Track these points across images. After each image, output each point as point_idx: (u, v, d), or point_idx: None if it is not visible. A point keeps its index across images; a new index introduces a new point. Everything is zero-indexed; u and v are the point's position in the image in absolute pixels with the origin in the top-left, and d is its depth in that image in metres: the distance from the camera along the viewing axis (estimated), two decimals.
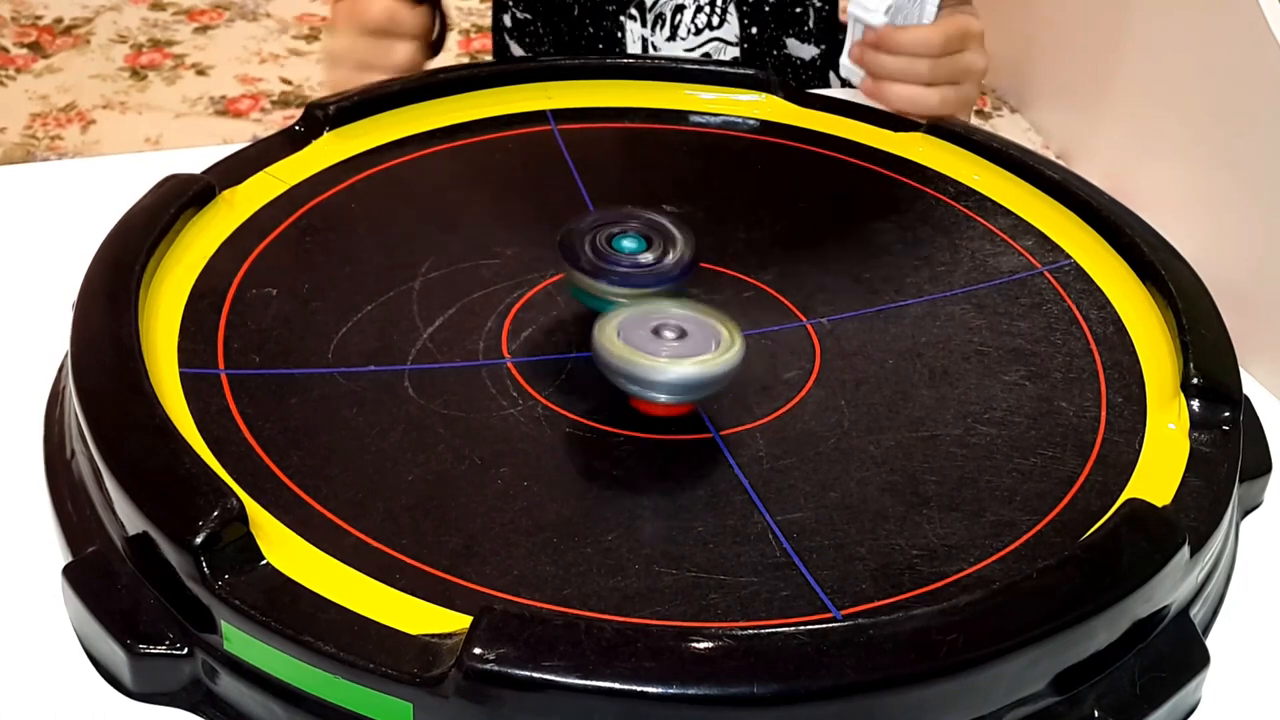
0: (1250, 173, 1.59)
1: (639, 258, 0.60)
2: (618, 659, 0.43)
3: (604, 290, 0.59)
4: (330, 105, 0.74)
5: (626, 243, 0.61)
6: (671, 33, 1.00)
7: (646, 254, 0.60)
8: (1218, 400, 0.58)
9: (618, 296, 0.59)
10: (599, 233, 0.61)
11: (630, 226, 0.61)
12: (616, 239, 0.61)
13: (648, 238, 0.61)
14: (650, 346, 0.55)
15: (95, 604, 0.49)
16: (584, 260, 0.59)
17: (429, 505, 0.52)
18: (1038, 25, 2.12)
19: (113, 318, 0.57)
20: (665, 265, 0.60)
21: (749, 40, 1.02)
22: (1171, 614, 0.51)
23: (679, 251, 0.61)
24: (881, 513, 0.53)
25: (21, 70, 2.23)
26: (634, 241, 0.61)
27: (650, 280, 0.59)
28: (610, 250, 0.60)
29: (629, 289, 0.59)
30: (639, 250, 0.60)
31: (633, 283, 0.59)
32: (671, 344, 0.55)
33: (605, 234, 0.61)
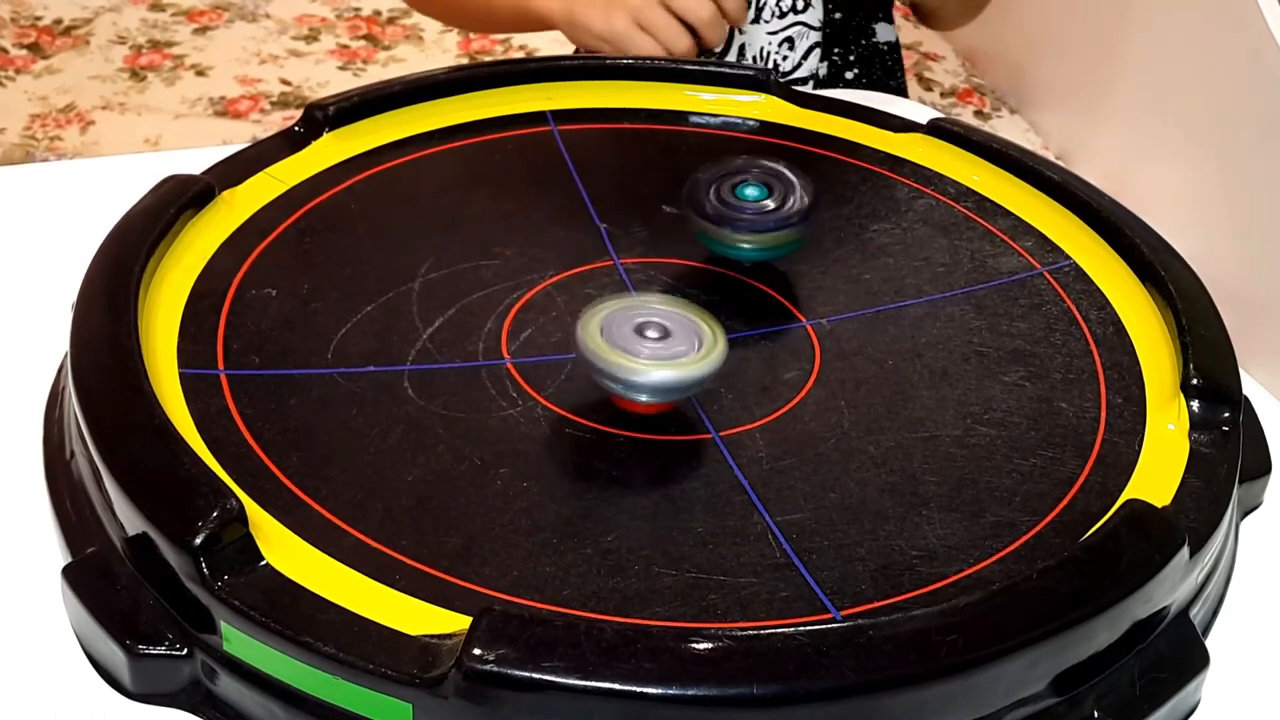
0: (1250, 174, 1.59)
1: (762, 204, 0.65)
2: (617, 660, 0.43)
3: (730, 237, 0.64)
4: (330, 106, 0.74)
5: (749, 191, 0.65)
6: (756, 15, 1.01)
7: (768, 201, 0.65)
8: (1218, 401, 0.58)
9: (742, 242, 0.64)
10: (723, 183, 0.65)
11: (752, 175, 0.66)
12: (739, 188, 0.65)
13: (768, 185, 0.65)
14: (632, 346, 0.54)
15: (95, 605, 0.49)
16: (709, 209, 0.64)
17: (429, 506, 0.52)
18: (1038, 26, 2.12)
19: (112, 318, 0.57)
20: (787, 211, 0.64)
21: (831, 25, 1.03)
22: (1171, 615, 0.51)
23: (798, 197, 0.65)
24: (881, 513, 0.53)
25: (21, 71, 2.23)
26: (756, 189, 0.65)
27: (772, 224, 0.64)
28: (734, 199, 0.65)
29: (754, 234, 0.64)
30: (761, 198, 0.65)
31: (757, 228, 0.64)
32: (653, 344, 0.55)
33: (729, 184, 0.65)
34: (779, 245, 0.65)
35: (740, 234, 0.64)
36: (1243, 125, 1.60)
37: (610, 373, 0.54)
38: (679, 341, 0.55)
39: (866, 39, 1.07)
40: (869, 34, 1.07)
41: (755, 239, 0.64)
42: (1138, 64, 1.89)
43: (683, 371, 0.54)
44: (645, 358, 0.54)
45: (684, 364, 0.54)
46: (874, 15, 1.07)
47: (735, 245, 0.65)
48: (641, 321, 0.56)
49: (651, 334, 0.55)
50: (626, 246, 0.68)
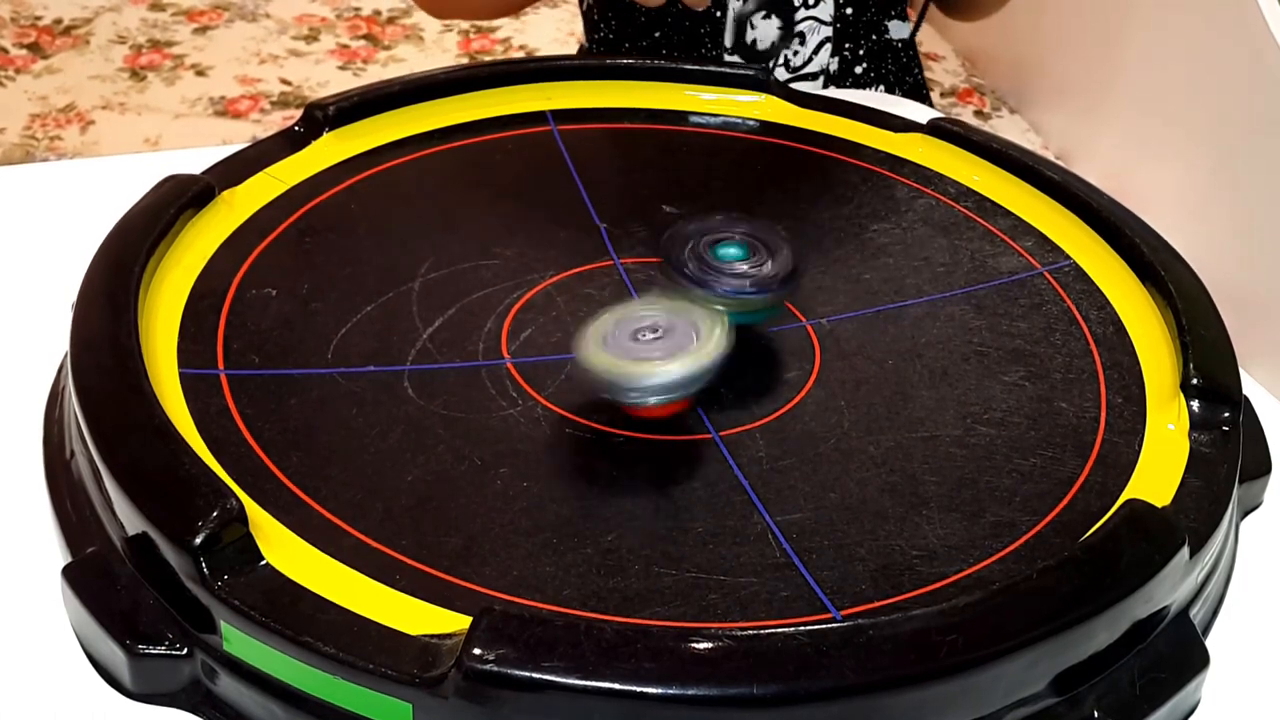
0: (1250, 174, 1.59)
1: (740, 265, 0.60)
2: (617, 660, 0.43)
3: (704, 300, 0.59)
4: (330, 106, 0.74)
5: (729, 250, 0.60)
6: (769, 11, 1.01)
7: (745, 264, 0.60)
8: (1218, 401, 0.58)
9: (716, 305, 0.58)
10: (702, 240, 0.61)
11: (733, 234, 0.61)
12: (718, 246, 0.60)
13: (750, 246, 0.61)
14: (633, 352, 0.54)
15: (95, 605, 0.49)
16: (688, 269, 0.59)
17: (429, 506, 0.52)
18: (1038, 26, 2.13)
19: (112, 318, 0.57)
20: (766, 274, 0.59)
21: (842, 20, 1.03)
22: (1171, 615, 0.51)
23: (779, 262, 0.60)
24: (881, 513, 0.53)
25: (21, 71, 2.23)
26: (736, 249, 0.60)
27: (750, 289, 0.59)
28: (713, 259, 0.60)
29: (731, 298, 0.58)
30: (741, 258, 0.60)
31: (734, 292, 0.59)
32: (651, 345, 0.54)
33: (709, 240, 0.61)
34: (756, 310, 0.60)
35: (716, 298, 0.59)
36: (1243, 125, 1.60)
37: (617, 384, 0.54)
38: (678, 336, 0.55)
39: (878, 35, 1.07)
40: (881, 30, 1.07)
41: (732, 303, 0.59)
42: (1138, 64, 1.89)
43: (686, 366, 0.54)
44: (651, 359, 0.54)
45: (686, 358, 0.54)
46: (886, 11, 1.07)
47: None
48: (637, 327, 0.55)
49: (648, 336, 0.55)
50: (626, 246, 0.68)
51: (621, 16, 1.04)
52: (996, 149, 0.76)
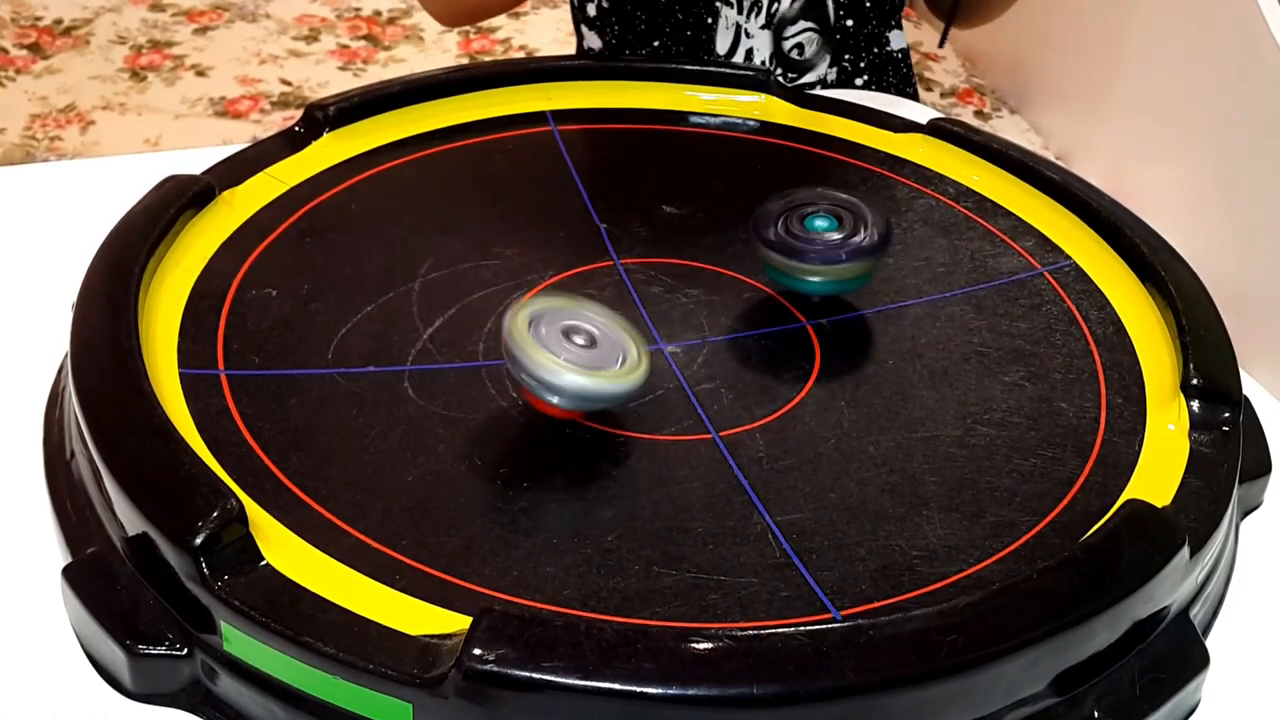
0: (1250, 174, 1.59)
1: (829, 236, 0.62)
2: (617, 660, 0.43)
3: (799, 269, 0.62)
4: (330, 106, 0.74)
5: (818, 222, 0.62)
6: (767, 20, 1.01)
7: (836, 233, 0.62)
8: (1218, 401, 0.58)
9: (810, 275, 0.62)
10: (792, 215, 0.63)
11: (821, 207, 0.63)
12: (809, 219, 0.63)
13: (838, 216, 0.63)
14: (552, 346, 0.53)
15: (95, 605, 0.49)
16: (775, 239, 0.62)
17: (429, 506, 0.52)
18: (1038, 26, 2.12)
19: (112, 318, 0.57)
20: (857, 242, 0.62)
21: (841, 31, 1.03)
22: (1171, 615, 0.51)
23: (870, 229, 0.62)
24: (881, 513, 0.53)
25: (21, 71, 2.23)
26: (825, 220, 0.62)
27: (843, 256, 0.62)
28: (803, 230, 0.62)
29: (824, 265, 0.61)
30: (830, 229, 0.62)
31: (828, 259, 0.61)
32: (573, 350, 0.54)
33: (798, 215, 0.63)
34: (849, 278, 0.63)
35: (810, 265, 0.62)
36: (1243, 125, 1.60)
37: (524, 366, 0.53)
38: (602, 354, 0.54)
39: (880, 47, 1.07)
40: (883, 42, 1.07)
41: (825, 271, 0.62)
42: (1138, 64, 1.89)
43: (596, 383, 0.53)
44: (558, 360, 0.53)
45: (600, 376, 0.53)
46: (886, 23, 1.07)
47: (803, 278, 0.62)
48: (573, 326, 0.55)
49: (578, 340, 0.54)
50: (626, 246, 0.68)
51: (624, 23, 1.04)
52: (996, 149, 0.76)
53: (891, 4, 1.06)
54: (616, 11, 1.03)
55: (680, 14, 1.01)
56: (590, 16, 1.06)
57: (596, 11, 1.05)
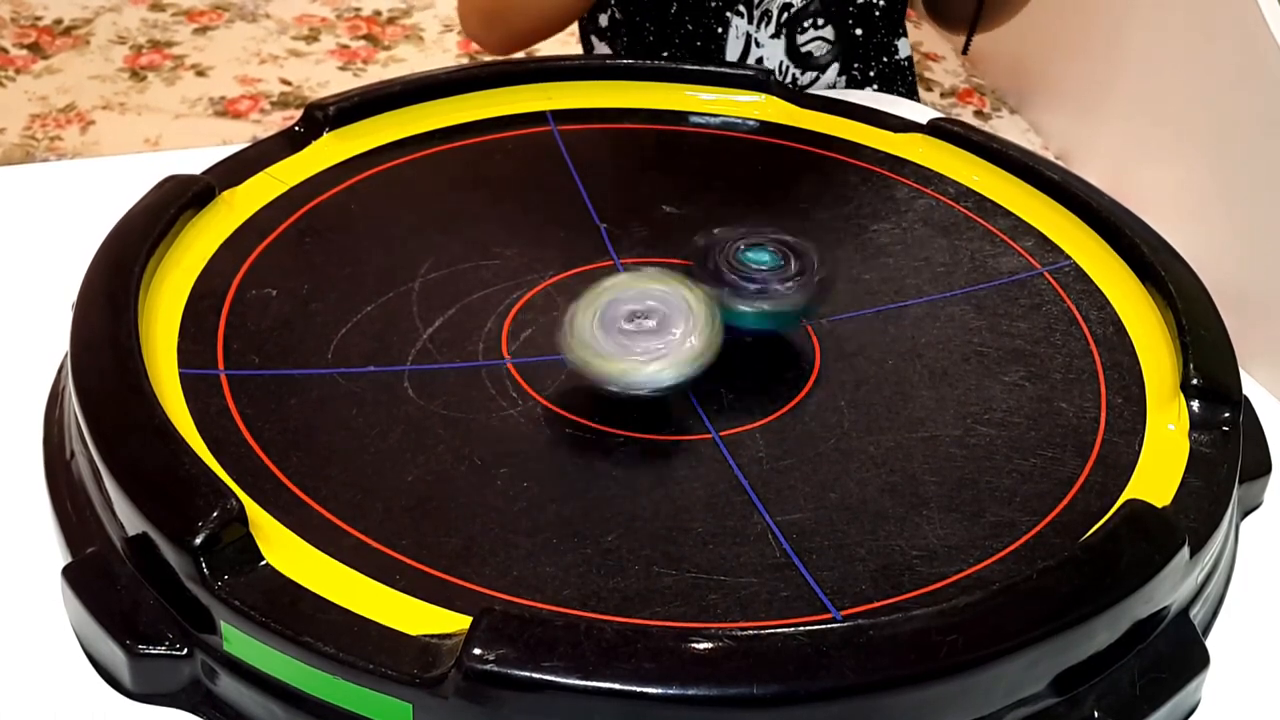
0: (1250, 174, 1.59)
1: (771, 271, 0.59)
2: (617, 660, 0.43)
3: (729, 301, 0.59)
4: (330, 106, 0.74)
5: (761, 256, 0.60)
6: (776, 29, 1.00)
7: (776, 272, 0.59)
8: (1217, 401, 0.58)
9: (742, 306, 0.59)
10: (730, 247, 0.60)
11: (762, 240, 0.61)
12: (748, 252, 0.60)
13: (781, 254, 0.60)
14: (624, 345, 0.54)
15: (95, 605, 0.49)
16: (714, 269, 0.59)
17: (429, 506, 0.52)
18: (1038, 26, 2.12)
19: (112, 318, 0.57)
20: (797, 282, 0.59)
21: (849, 40, 1.02)
22: (1171, 615, 0.51)
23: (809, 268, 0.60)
24: (881, 513, 0.53)
25: (21, 71, 2.23)
26: (767, 256, 0.60)
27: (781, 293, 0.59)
28: (741, 264, 0.60)
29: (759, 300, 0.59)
30: (774, 265, 0.60)
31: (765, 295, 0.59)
32: (643, 337, 0.54)
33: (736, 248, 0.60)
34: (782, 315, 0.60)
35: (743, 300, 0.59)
36: (1243, 126, 1.60)
37: (606, 380, 0.54)
38: (670, 326, 0.55)
39: (889, 56, 1.06)
40: (891, 51, 1.06)
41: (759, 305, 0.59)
42: (1138, 64, 1.89)
43: (679, 368, 0.54)
44: (638, 354, 0.54)
45: (677, 358, 0.54)
46: (894, 31, 1.06)
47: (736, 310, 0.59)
48: (632, 309, 0.55)
49: (643, 324, 0.55)
50: (626, 246, 0.68)
51: (634, 34, 1.03)
52: (996, 149, 0.76)
53: (899, 12, 1.06)
54: (627, 22, 1.03)
55: (690, 24, 1.00)
56: (601, 27, 1.05)
57: (608, 22, 1.04)
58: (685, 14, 1.00)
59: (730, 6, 0.99)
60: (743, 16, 1.00)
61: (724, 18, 1.00)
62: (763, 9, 0.99)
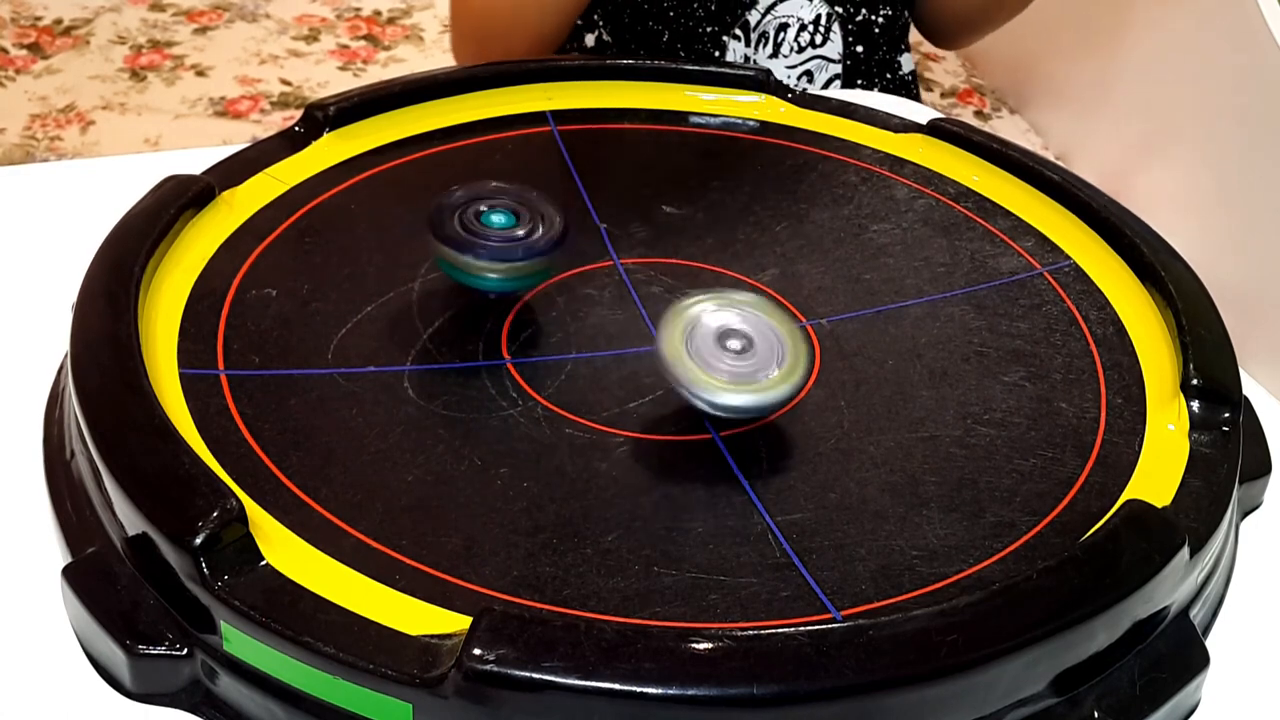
0: (1250, 174, 1.59)
1: (511, 232, 0.60)
2: (617, 660, 0.43)
3: (472, 265, 0.59)
4: (330, 106, 0.74)
5: (495, 218, 0.60)
6: (774, 50, 1.00)
7: (518, 229, 0.60)
8: (1217, 401, 0.58)
9: (486, 271, 0.59)
10: (467, 208, 0.60)
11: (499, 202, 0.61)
12: (485, 215, 0.60)
13: (516, 213, 0.61)
14: (713, 362, 0.54)
15: (95, 605, 0.49)
16: (452, 233, 0.59)
17: (429, 506, 0.52)
18: (1037, 26, 2.12)
19: (112, 318, 0.57)
20: (535, 239, 0.60)
21: (852, 57, 1.02)
22: (1171, 615, 0.51)
23: (549, 225, 0.60)
24: (881, 513, 0.53)
25: (21, 71, 2.23)
26: (503, 216, 0.60)
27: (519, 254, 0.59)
28: (480, 225, 0.60)
29: (500, 263, 0.59)
30: (509, 225, 0.60)
31: (504, 256, 0.59)
32: (733, 360, 0.55)
33: (474, 210, 0.60)
34: (525, 275, 0.61)
35: (484, 262, 0.59)
36: (1243, 126, 1.60)
37: (690, 390, 0.54)
38: (760, 356, 0.55)
39: (893, 72, 1.06)
40: (895, 67, 1.06)
41: (501, 268, 0.60)
42: (1138, 64, 1.89)
43: (756, 397, 0.54)
44: (724, 375, 0.54)
45: (757, 388, 0.54)
46: (897, 47, 1.06)
47: (480, 275, 0.60)
48: (726, 329, 0.55)
49: (734, 345, 0.55)
50: (626, 247, 0.68)
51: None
52: (996, 149, 0.76)
53: (900, 28, 1.06)
54: (617, 44, 1.03)
55: (684, 50, 1.00)
56: (589, 48, 1.05)
57: (595, 43, 1.04)
58: (678, 41, 1.00)
59: (726, 30, 0.98)
60: (739, 39, 0.99)
61: (720, 41, 0.99)
62: (760, 31, 0.99)
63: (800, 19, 0.99)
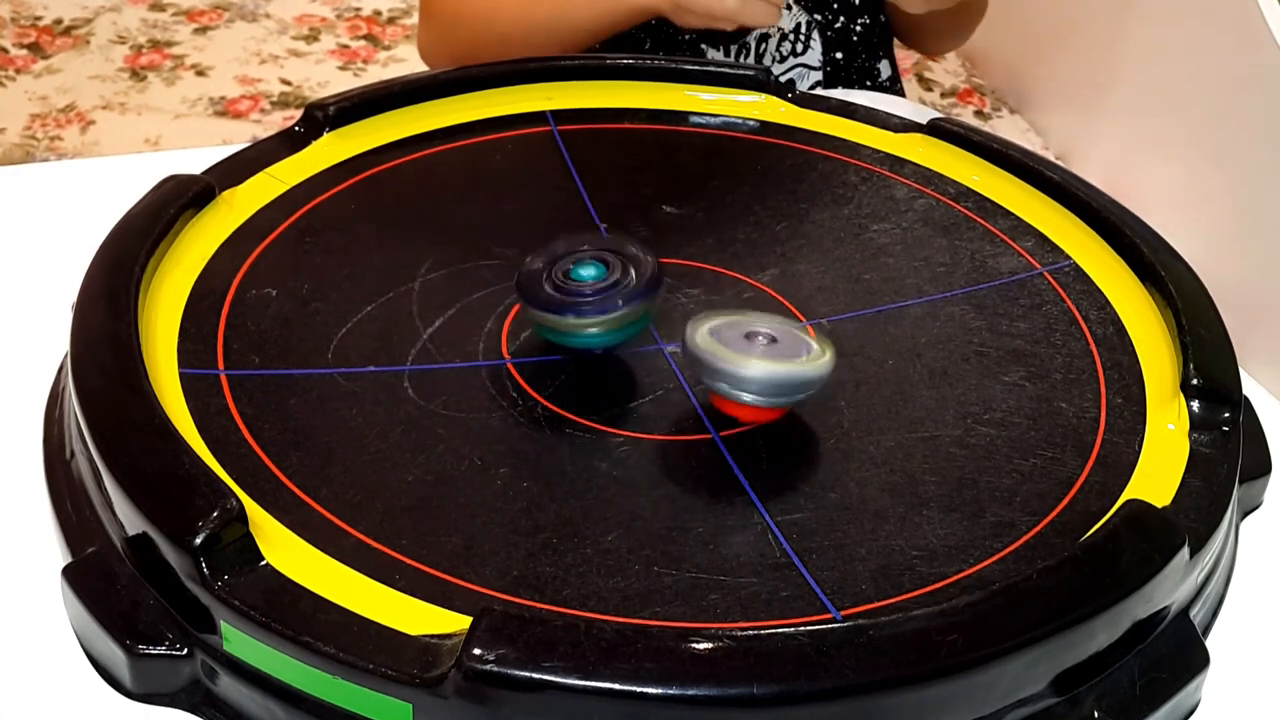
0: (1249, 173, 1.59)
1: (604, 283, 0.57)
2: (617, 660, 0.43)
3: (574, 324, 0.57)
4: (330, 106, 0.74)
5: (586, 271, 0.58)
6: (757, 60, 1.00)
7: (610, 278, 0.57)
8: (1217, 401, 0.58)
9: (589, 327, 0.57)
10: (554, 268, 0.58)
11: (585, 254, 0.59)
12: (574, 270, 0.58)
13: (605, 261, 0.58)
14: (740, 347, 0.55)
15: (95, 604, 0.49)
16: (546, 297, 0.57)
17: (429, 506, 0.52)
18: (1038, 26, 2.12)
19: (113, 318, 0.57)
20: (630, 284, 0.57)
21: (832, 64, 1.02)
22: (1171, 615, 0.51)
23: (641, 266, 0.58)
24: (881, 513, 0.53)
25: (21, 71, 2.23)
26: (593, 269, 0.58)
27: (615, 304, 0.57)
28: (571, 283, 0.57)
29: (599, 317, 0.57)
30: (601, 276, 0.58)
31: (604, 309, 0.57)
32: (759, 346, 0.55)
33: (561, 269, 0.58)
34: (628, 324, 0.58)
35: (585, 319, 0.57)
36: (1243, 125, 1.60)
37: (720, 367, 0.54)
38: (787, 347, 0.56)
39: (873, 79, 1.06)
40: (874, 74, 1.06)
41: (603, 321, 0.57)
42: (1138, 64, 1.89)
43: (795, 368, 0.54)
44: (756, 356, 0.55)
45: (796, 362, 0.55)
46: (876, 55, 1.06)
47: (581, 332, 0.58)
48: (751, 330, 0.56)
49: (760, 340, 0.56)
50: None
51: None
52: (996, 149, 0.76)
53: (880, 35, 1.06)
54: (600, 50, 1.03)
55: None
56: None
57: None
58: (659, 50, 1.00)
59: (705, 38, 0.98)
60: (719, 50, 0.99)
61: (699, 49, 0.99)
62: (740, 41, 0.99)
63: (780, 28, 0.99)
